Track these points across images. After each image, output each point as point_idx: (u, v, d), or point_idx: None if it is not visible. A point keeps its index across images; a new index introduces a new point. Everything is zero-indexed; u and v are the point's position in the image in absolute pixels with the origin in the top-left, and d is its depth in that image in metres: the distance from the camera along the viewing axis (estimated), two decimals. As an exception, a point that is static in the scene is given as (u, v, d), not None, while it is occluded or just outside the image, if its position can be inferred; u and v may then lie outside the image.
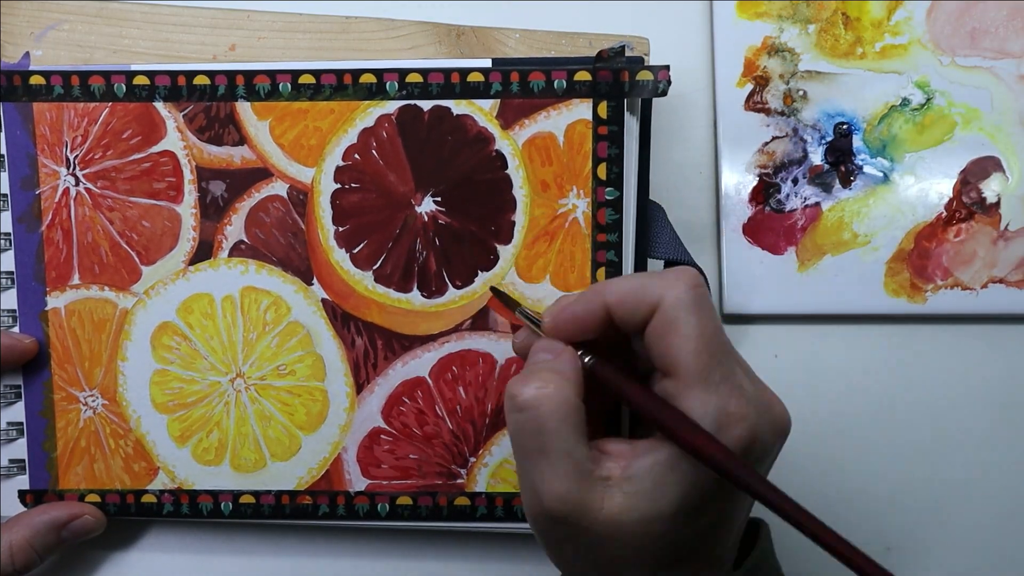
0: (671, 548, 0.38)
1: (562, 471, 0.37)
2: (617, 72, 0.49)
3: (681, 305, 0.38)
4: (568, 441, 0.38)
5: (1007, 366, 0.56)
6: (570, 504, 0.37)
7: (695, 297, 0.38)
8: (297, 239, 0.51)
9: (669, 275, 0.39)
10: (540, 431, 0.38)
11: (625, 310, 0.39)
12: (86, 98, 0.50)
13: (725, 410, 0.37)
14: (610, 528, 0.38)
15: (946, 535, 0.55)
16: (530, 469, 0.39)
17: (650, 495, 0.37)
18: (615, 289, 0.40)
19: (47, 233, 0.51)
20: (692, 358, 0.37)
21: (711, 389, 0.37)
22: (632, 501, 0.37)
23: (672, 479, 0.37)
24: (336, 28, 0.52)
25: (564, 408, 0.38)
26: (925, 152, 0.54)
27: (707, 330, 0.38)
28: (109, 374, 0.51)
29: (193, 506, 0.52)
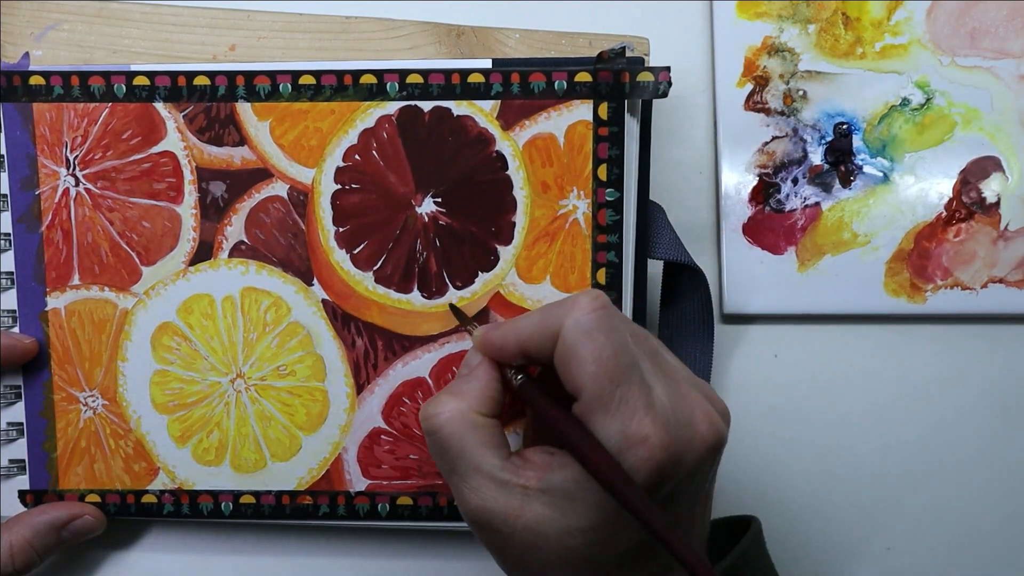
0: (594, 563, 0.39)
1: (473, 484, 0.40)
2: (618, 73, 0.49)
3: (578, 330, 0.38)
4: (474, 456, 0.40)
5: (1007, 366, 0.56)
6: (488, 513, 0.39)
7: (593, 320, 0.39)
8: (297, 240, 0.51)
9: (567, 302, 0.40)
10: (445, 451, 0.41)
11: (535, 345, 0.40)
12: (86, 98, 0.50)
13: (625, 432, 0.37)
14: (531, 536, 0.39)
15: (946, 535, 0.56)
16: (450, 485, 0.41)
17: (563, 508, 0.38)
18: (525, 324, 0.41)
19: (47, 233, 0.51)
20: (590, 383, 0.38)
21: (611, 412, 0.37)
22: (548, 512, 0.38)
23: (581, 495, 0.38)
24: (336, 28, 0.53)
25: (463, 428, 0.40)
26: (925, 152, 0.55)
27: (603, 354, 0.38)
28: (109, 374, 0.52)
29: (193, 506, 0.52)
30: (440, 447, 0.41)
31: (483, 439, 0.40)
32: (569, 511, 0.38)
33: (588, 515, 0.38)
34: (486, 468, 0.40)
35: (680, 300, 0.53)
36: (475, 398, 0.41)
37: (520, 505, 0.39)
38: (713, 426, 0.39)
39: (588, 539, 0.38)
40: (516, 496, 0.39)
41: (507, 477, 0.39)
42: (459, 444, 0.40)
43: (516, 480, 0.39)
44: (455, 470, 0.40)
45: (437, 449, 0.41)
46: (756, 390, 0.55)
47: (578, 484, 0.38)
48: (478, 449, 0.40)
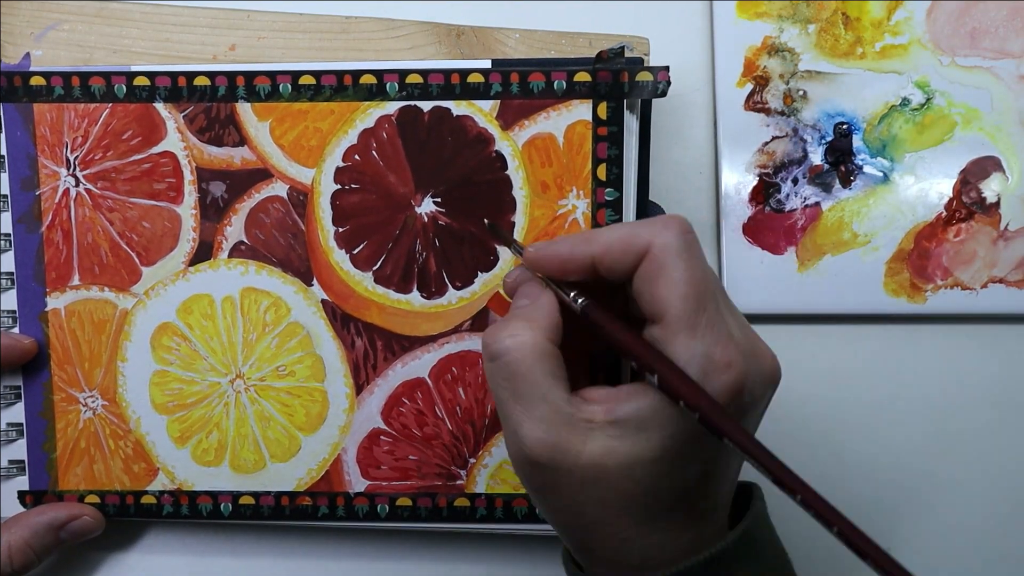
0: (655, 497, 0.39)
1: (538, 415, 0.38)
2: (617, 73, 0.49)
3: (669, 250, 0.38)
4: (542, 386, 0.39)
5: (1007, 366, 0.56)
6: (550, 447, 0.38)
7: (684, 243, 0.39)
8: (297, 240, 0.52)
9: (657, 222, 0.40)
10: (512, 377, 0.39)
11: (612, 258, 0.40)
12: (86, 99, 0.51)
13: (711, 357, 0.37)
14: (592, 471, 0.38)
15: (946, 535, 0.56)
16: (508, 416, 0.40)
17: (632, 439, 0.38)
18: (603, 238, 0.40)
19: (47, 234, 0.51)
20: (679, 303, 0.38)
21: (697, 335, 0.37)
22: (614, 444, 0.38)
23: (655, 424, 0.38)
24: (336, 28, 0.53)
25: (534, 354, 0.39)
26: (925, 152, 0.55)
27: (695, 276, 0.38)
28: (109, 375, 0.52)
29: (193, 507, 0.53)
30: (508, 371, 0.39)
31: (552, 368, 0.39)
32: (640, 440, 0.38)
33: (660, 444, 0.38)
34: (553, 399, 0.39)
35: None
36: (545, 325, 0.40)
37: (583, 439, 0.38)
38: (774, 361, 0.40)
39: (655, 470, 0.38)
40: (580, 431, 0.38)
41: (571, 411, 0.38)
42: (528, 371, 0.39)
43: (580, 414, 0.38)
44: (521, 397, 0.39)
45: (503, 373, 0.39)
46: (756, 390, 0.56)
47: (650, 412, 0.38)
48: (548, 378, 0.39)
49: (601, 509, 0.39)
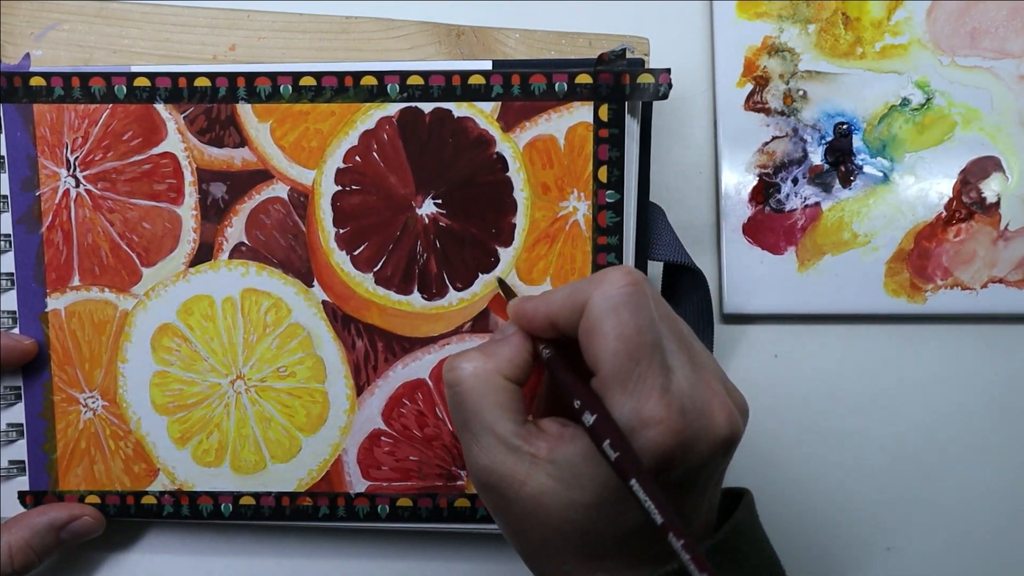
0: (595, 539, 0.39)
1: (484, 443, 0.40)
2: (618, 75, 0.50)
3: (605, 305, 0.39)
4: (489, 416, 0.40)
5: (1007, 366, 0.57)
6: (495, 475, 0.40)
7: (621, 296, 0.39)
8: (298, 241, 0.52)
9: (598, 276, 0.40)
10: (462, 406, 0.41)
11: (563, 317, 0.41)
12: (87, 99, 0.51)
13: (639, 413, 0.37)
14: (533, 505, 0.39)
15: (946, 535, 0.57)
16: (461, 440, 0.42)
17: (568, 482, 0.39)
18: (556, 296, 0.42)
19: (47, 235, 0.52)
20: (609, 359, 0.38)
21: (627, 391, 0.38)
22: (553, 484, 0.39)
23: (588, 471, 0.38)
24: (336, 28, 0.54)
25: (484, 386, 0.41)
26: (925, 152, 0.56)
27: (627, 330, 0.38)
28: (109, 376, 0.53)
29: (193, 507, 0.53)
30: (458, 400, 0.41)
31: (502, 401, 0.41)
32: (574, 485, 0.39)
33: (593, 491, 0.38)
34: (499, 430, 0.40)
35: (680, 301, 0.54)
36: (503, 360, 0.42)
37: (527, 472, 0.39)
38: (730, 419, 0.40)
39: (590, 515, 0.39)
40: (524, 463, 0.39)
41: (518, 443, 0.40)
42: (478, 401, 0.41)
43: (526, 448, 0.40)
44: (468, 427, 0.41)
45: (455, 402, 0.42)
46: (756, 390, 0.56)
47: (586, 459, 0.38)
48: (495, 410, 0.40)
49: (543, 542, 0.40)
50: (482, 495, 0.42)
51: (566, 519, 0.39)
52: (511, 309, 0.44)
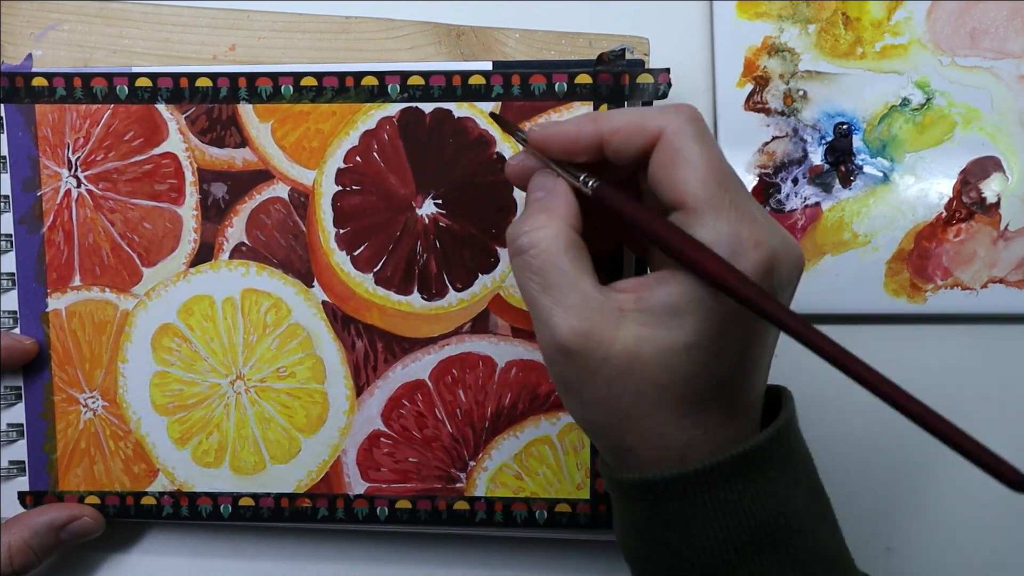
0: (692, 386, 0.39)
1: (570, 303, 0.39)
2: (618, 75, 0.52)
3: (684, 135, 0.39)
4: (570, 275, 0.39)
5: (1007, 366, 0.58)
6: (583, 335, 0.39)
7: (697, 128, 0.39)
8: (298, 241, 0.54)
9: (669, 108, 0.40)
10: (541, 269, 0.40)
11: (620, 139, 0.40)
12: (88, 100, 0.53)
13: (738, 236, 0.38)
14: (626, 360, 0.39)
15: (946, 535, 0.58)
16: (539, 308, 0.40)
17: (666, 325, 0.38)
18: (611, 120, 0.41)
19: (48, 235, 0.54)
20: (700, 186, 0.38)
21: (722, 216, 0.38)
22: (647, 331, 0.38)
23: (687, 309, 0.38)
24: (336, 28, 0.55)
25: (559, 244, 0.40)
26: (925, 152, 0.57)
27: (713, 159, 0.39)
28: (109, 376, 0.55)
29: (192, 508, 0.55)
30: (535, 264, 0.40)
31: (578, 257, 0.40)
32: (673, 326, 0.38)
33: (694, 329, 0.38)
34: (582, 287, 0.39)
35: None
36: (566, 214, 0.41)
37: (616, 327, 0.39)
38: (799, 248, 0.41)
39: (691, 357, 0.38)
40: (612, 317, 0.39)
41: (603, 298, 0.39)
42: (556, 260, 0.39)
43: (611, 303, 0.39)
44: (550, 288, 0.40)
45: (531, 267, 0.40)
46: (756, 391, 0.57)
47: (683, 296, 0.38)
48: (574, 267, 0.40)
49: (636, 401, 0.39)
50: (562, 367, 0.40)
51: (665, 366, 0.38)
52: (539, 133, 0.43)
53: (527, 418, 0.55)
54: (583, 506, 0.55)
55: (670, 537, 0.41)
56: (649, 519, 0.41)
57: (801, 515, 0.41)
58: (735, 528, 0.40)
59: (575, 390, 0.41)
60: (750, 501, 0.40)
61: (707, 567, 0.40)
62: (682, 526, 0.40)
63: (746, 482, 0.40)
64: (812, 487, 0.43)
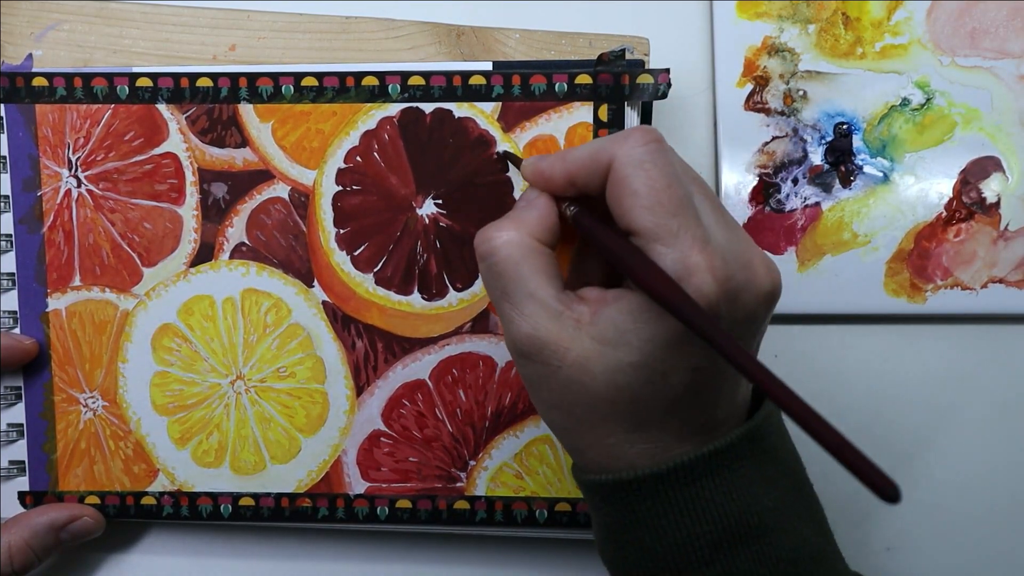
0: (642, 405, 0.40)
1: (527, 311, 0.41)
2: (618, 75, 0.52)
3: (630, 162, 0.39)
4: (530, 283, 0.41)
5: (1007, 366, 0.58)
6: (539, 342, 0.40)
7: (644, 153, 0.40)
8: (298, 241, 0.54)
9: (620, 135, 0.41)
10: (500, 275, 0.41)
11: (583, 176, 0.42)
12: (89, 100, 0.54)
13: (685, 262, 0.38)
14: (579, 372, 0.40)
15: (946, 535, 0.58)
16: (500, 312, 0.42)
17: (614, 343, 0.39)
18: (574, 155, 0.42)
19: (48, 235, 0.54)
20: (646, 214, 0.39)
21: (669, 242, 0.38)
22: (599, 347, 0.39)
23: (635, 328, 0.39)
24: (336, 28, 0.56)
25: (520, 252, 0.41)
26: (925, 152, 0.57)
27: (657, 185, 0.39)
28: (109, 376, 0.55)
29: (193, 508, 0.56)
30: (496, 271, 0.42)
31: (540, 266, 0.41)
32: (621, 345, 0.39)
33: (639, 349, 0.39)
34: (540, 295, 0.41)
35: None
36: (534, 225, 0.42)
37: (571, 338, 0.40)
38: (770, 271, 0.41)
39: (638, 376, 0.39)
40: (568, 328, 0.40)
41: (560, 308, 0.40)
42: (515, 269, 0.41)
43: (568, 313, 0.40)
44: (508, 296, 0.41)
45: (493, 273, 0.42)
46: (756, 391, 0.58)
47: (632, 317, 0.39)
48: (535, 276, 0.41)
49: (589, 411, 0.41)
50: (523, 368, 0.42)
51: (613, 384, 0.39)
52: (526, 169, 0.44)
53: (527, 417, 0.55)
54: (583, 505, 0.55)
55: (643, 536, 0.41)
56: (620, 519, 0.42)
57: (779, 512, 0.41)
58: (707, 524, 0.40)
59: (535, 389, 0.43)
60: (722, 498, 0.40)
61: (680, 564, 0.41)
62: (654, 525, 0.41)
63: (717, 480, 0.40)
64: (794, 486, 0.43)
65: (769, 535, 0.41)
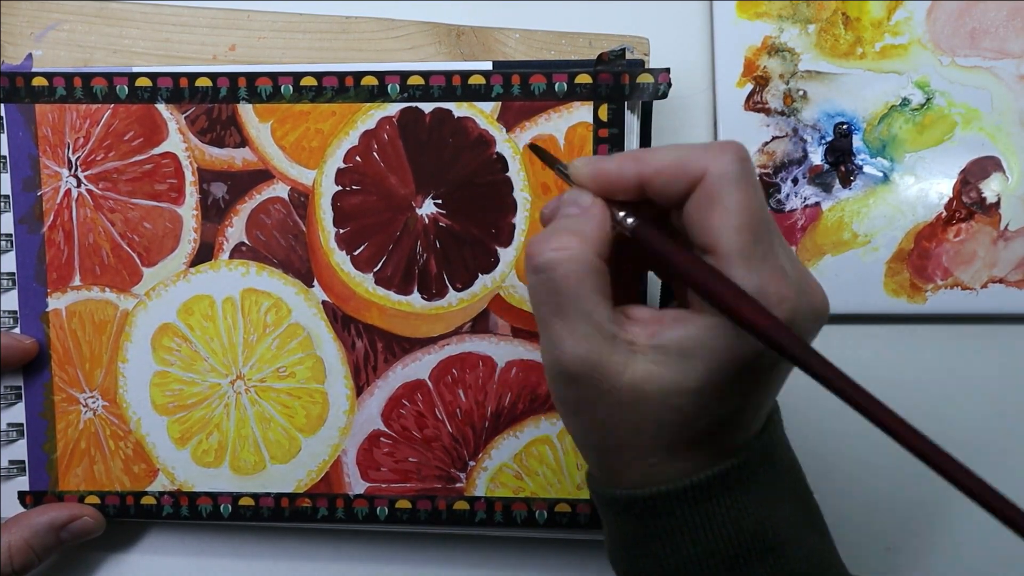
0: (690, 427, 0.39)
1: (580, 332, 0.39)
2: (618, 75, 0.52)
3: (726, 179, 0.38)
4: (587, 303, 0.39)
5: (1007, 366, 0.59)
6: (589, 364, 0.39)
7: (741, 171, 0.38)
8: (298, 241, 0.55)
9: (714, 147, 0.39)
10: (557, 292, 0.39)
11: (663, 181, 0.39)
12: (88, 99, 0.54)
13: (765, 291, 0.37)
14: (631, 395, 0.39)
15: (946, 535, 0.59)
16: (549, 330, 0.40)
17: (676, 366, 0.38)
18: (655, 159, 0.40)
19: (48, 234, 0.55)
20: (734, 235, 0.37)
21: (752, 268, 0.37)
22: (657, 370, 0.38)
23: (701, 353, 0.38)
24: (336, 28, 0.56)
25: (582, 269, 0.39)
26: (925, 152, 0.58)
27: (751, 206, 0.38)
28: (109, 375, 0.56)
29: (192, 508, 0.56)
30: (552, 286, 0.39)
31: (599, 286, 0.39)
32: (684, 369, 0.38)
33: (703, 374, 0.38)
34: (596, 317, 0.39)
35: (681, 300, 0.56)
36: (595, 239, 0.40)
37: (624, 361, 0.39)
38: (824, 297, 0.40)
39: (694, 400, 0.38)
40: (621, 351, 0.39)
41: (615, 330, 0.39)
42: (575, 286, 0.39)
43: (623, 335, 0.39)
44: (563, 314, 0.39)
45: (547, 288, 0.39)
46: (756, 391, 0.58)
47: (698, 340, 0.38)
48: (593, 296, 0.39)
49: (633, 434, 0.40)
50: (565, 389, 0.40)
51: (667, 405, 0.39)
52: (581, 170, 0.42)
53: (527, 418, 0.55)
54: (583, 506, 0.55)
55: (658, 551, 0.41)
56: (635, 532, 0.42)
57: (789, 525, 0.42)
58: (722, 541, 0.40)
59: (572, 411, 0.41)
60: (737, 514, 0.40)
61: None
62: (670, 540, 0.41)
63: (732, 498, 0.40)
64: (799, 496, 0.44)
65: (781, 548, 0.41)
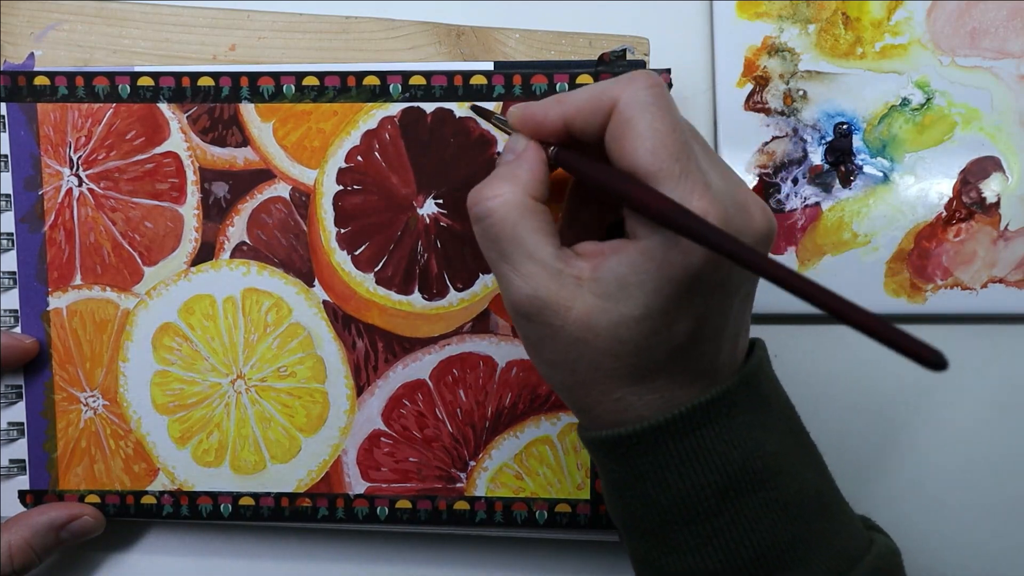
0: (646, 356, 0.40)
1: (525, 271, 0.41)
2: (618, 75, 0.53)
3: (636, 105, 0.40)
4: (528, 243, 0.41)
5: (1007, 366, 0.59)
6: (539, 302, 0.40)
7: (650, 96, 0.40)
8: (299, 241, 0.55)
9: (624, 78, 0.41)
10: (498, 237, 0.41)
11: (583, 118, 0.42)
12: (90, 99, 0.55)
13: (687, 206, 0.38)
14: (582, 330, 0.40)
15: (946, 534, 0.59)
16: (498, 275, 0.42)
17: (616, 296, 0.39)
18: (574, 98, 0.42)
19: (50, 233, 0.55)
20: (649, 156, 0.39)
21: (671, 186, 0.38)
22: (600, 303, 0.40)
23: (637, 279, 0.39)
24: (336, 28, 0.57)
25: (517, 212, 0.41)
26: (925, 152, 0.58)
27: (661, 128, 0.39)
28: (110, 375, 0.56)
29: (193, 508, 0.56)
30: (492, 232, 0.41)
31: (537, 225, 0.41)
32: (624, 298, 0.39)
33: (644, 301, 0.39)
34: (539, 255, 0.41)
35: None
36: (528, 181, 0.42)
37: (572, 295, 0.40)
38: (765, 214, 0.41)
39: (643, 328, 0.39)
40: (569, 286, 0.40)
41: (560, 266, 0.40)
42: (512, 229, 0.41)
43: (568, 270, 0.40)
44: (507, 257, 0.41)
45: (489, 235, 0.42)
46: (757, 391, 0.58)
47: (634, 269, 0.39)
48: (533, 235, 0.41)
49: (592, 367, 0.41)
50: (524, 328, 0.42)
51: (616, 338, 0.40)
52: (513, 115, 0.44)
53: (527, 418, 0.56)
54: (583, 506, 0.56)
55: (648, 490, 0.42)
56: (625, 474, 0.42)
57: (780, 457, 0.42)
58: (711, 474, 0.41)
59: (536, 349, 0.43)
60: (724, 446, 0.41)
61: (687, 515, 0.41)
62: (658, 477, 0.41)
63: (717, 428, 0.41)
64: (792, 431, 0.44)
65: (773, 480, 0.42)
